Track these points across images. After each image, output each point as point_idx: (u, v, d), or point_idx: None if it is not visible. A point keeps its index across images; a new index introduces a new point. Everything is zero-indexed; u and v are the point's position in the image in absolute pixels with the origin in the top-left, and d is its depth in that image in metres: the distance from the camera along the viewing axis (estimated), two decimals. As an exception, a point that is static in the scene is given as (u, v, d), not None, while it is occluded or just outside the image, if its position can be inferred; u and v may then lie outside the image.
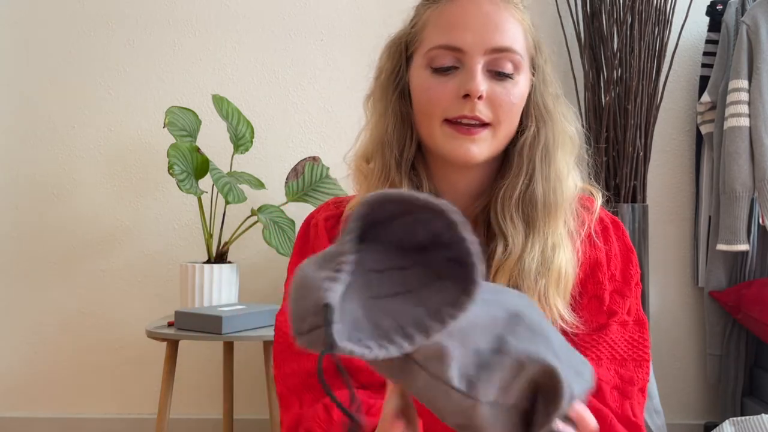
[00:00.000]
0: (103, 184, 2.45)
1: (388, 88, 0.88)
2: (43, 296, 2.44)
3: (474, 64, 0.80)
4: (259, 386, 2.42)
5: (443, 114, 0.81)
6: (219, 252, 2.13)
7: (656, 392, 1.98)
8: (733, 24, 2.26)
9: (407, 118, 0.86)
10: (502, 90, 0.81)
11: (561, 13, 2.39)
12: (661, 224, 2.45)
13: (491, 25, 0.81)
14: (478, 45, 0.80)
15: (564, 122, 0.88)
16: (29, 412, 2.43)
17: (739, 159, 2.14)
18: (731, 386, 2.29)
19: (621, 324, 0.86)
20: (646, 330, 0.87)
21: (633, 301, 0.88)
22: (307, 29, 2.46)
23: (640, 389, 0.84)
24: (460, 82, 0.81)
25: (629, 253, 0.89)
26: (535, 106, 0.86)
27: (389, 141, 0.86)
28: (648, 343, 0.86)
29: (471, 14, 0.81)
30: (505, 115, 0.82)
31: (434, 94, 0.82)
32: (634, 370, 0.84)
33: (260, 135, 2.36)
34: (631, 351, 0.85)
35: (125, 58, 2.46)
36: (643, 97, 2.24)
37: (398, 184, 0.84)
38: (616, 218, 0.93)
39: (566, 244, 0.83)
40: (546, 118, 0.86)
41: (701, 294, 2.42)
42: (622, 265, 0.88)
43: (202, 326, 1.82)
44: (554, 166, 0.85)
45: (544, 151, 0.85)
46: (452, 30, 0.81)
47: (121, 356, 2.43)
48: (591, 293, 0.86)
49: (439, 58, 0.82)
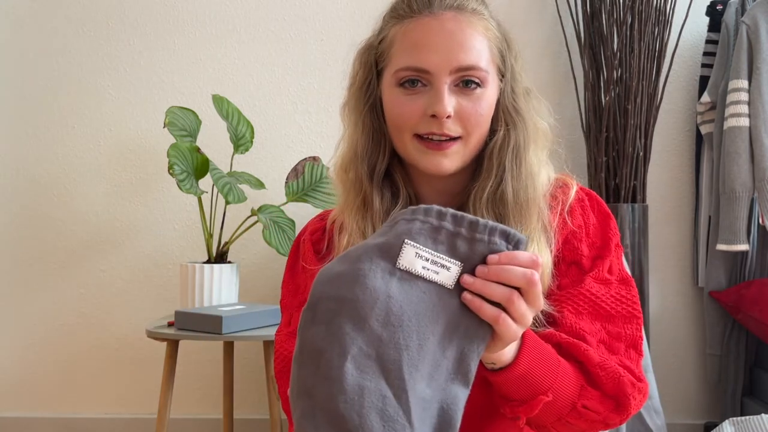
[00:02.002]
0: (103, 184, 2.45)
1: (360, 100, 0.90)
2: (43, 296, 2.44)
3: (440, 84, 0.82)
4: (259, 386, 2.42)
5: (413, 130, 0.84)
6: (219, 252, 2.13)
7: (656, 392, 1.98)
8: (733, 24, 2.26)
9: (380, 130, 0.89)
10: (469, 104, 0.83)
11: (561, 13, 2.39)
12: (661, 224, 2.45)
13: (455, 44, 0.82)
14: (443, 65, 0.82)
15: (535, 118, 0.90)
16: (29, 412, 2.43)
17: (738, 159, 2.14)
18: (731, 386, 2.29)
19: (602, 282, 0.86)
20: (633, 287, 0.88)
21: (614, 261, 0.88)
22: (307, 29, 2.46)
23: (632, 346, 0.84)
24: (428, 102, 0.82)
25: (607, 218, 0.91)
26: (504, 110, 0.88)
27: (361, 154, 0.89)
28: (637, 299, 0.87)
29: (434, 34, 0.82)
30: (474, 127, 0.84)
31: (404, 111, 0.84)
32: (623, 325, 0.84)
33: (260, 135, 2.36)
34: (618, 307, 0.85)
35: (125, 58, 2.46)
36: (643, 97, 2.24)
37: (369, 195, 0.87)
38: (591, 191, 0.95)
39: (540, 237, 0.85)
40: (516, 119, 0.88)
41: (701, 294, 2.42)
42: (600, 232, 0.90)
43: (202, 326, 1.82)
44: (525, 165, 0.86)
45: (515, 151, 0.86)
46: (417, 51, 0.82)
47: (121, 356, 2.43)
48: (569, 259, 0.88)
49: (406, 77, 0.83)
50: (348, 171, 0.90)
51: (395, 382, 0.59)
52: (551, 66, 2.45)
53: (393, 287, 0.61)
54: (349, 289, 0.61)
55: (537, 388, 0.74)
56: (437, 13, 0.83)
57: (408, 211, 0.65)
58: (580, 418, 0.78)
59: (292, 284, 0.96)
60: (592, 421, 0.79)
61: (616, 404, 0.79)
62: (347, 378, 0.58)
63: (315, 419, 0.58)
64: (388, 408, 0.58)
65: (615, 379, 0.78)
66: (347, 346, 0.59)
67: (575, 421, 0.78)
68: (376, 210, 0.87)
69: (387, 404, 0.58)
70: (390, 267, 0.62)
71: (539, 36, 2.45)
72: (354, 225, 0.88)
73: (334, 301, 0.61)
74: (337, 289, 0.61)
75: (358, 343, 0.59)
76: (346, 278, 0.61)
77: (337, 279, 0.61)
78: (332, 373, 0.58)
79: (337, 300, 0.60)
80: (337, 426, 0.57)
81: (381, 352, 0.60)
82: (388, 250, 0.62)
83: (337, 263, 0.64)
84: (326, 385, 0.58)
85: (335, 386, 0.58)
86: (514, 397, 0.75)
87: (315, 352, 0.60)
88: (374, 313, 0.60)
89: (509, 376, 0.73)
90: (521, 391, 0.74)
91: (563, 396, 0.76)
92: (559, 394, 0.76)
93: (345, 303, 0.60)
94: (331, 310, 0.60)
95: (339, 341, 0.59)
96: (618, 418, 0.80)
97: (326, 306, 0.61)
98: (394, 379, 0.59)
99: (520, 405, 0.75)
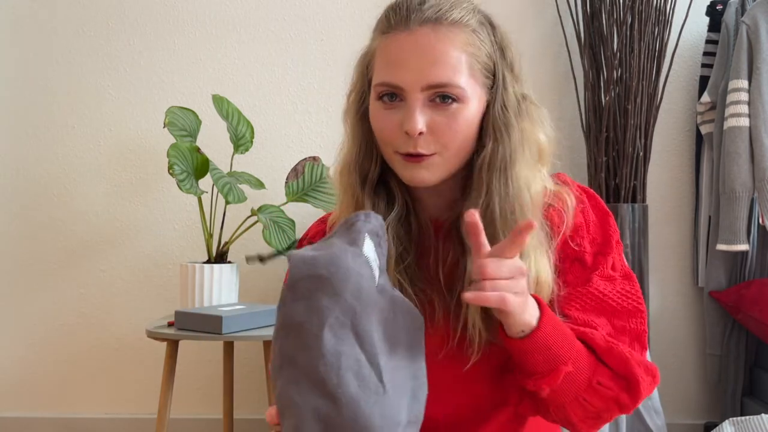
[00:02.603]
0: (103, 184, 2.45)
1: (353, 110, 0.92)
2: (43, 296, 2.44)
3: (413, 101, 0.82)
4: (259, 386, 2.42)
5: (393, 147, 0.85)
6: (219, 252, 2.13)
7: (656, 392, 1.98)
8: (733, 24, 2.26)
9: (371, 140, 0.90)
10: (443, 120, 0.82)
11: (561, 13, 2.39)
12: (661, 224, 2.45)
13: (428, 61, 0.81)
14: (415, 83, 0.81)
15: (529, 129, 0.87)
16: (29, 412, 2.43)
17: (738, 159, 2.14)
18: (731, 386, 2.29)
19: (607, 279, 0.88)
20: (636, 283, 0.89)
21: (616, 257, 0.90)
22: (307, 29, 2.46)
23: (636, 339, 0.85)
24: (402, 117, 0.83)
25: (606, 216, 0.92)
26: (493, 123, 0.85)
27: (354, 162, 0.91)
28: (640, 294, 0.88)
29: (408, 50, 0.82)
30: (449, 142, 0.83)
31: (383, 126, 0.85)
32: (627, 319, 0.86)
33: (260, 135, 2.36)
34: (624, 302, 0.86)
35: (125, 58, 2.46)
36: (643, 97, 2.24)
37: (361, 201, 0.90)
38: (589, 189, 0.95)
39: (537, 252, 0.84)
40: (503, 133, 0.85)
41: (701, 294, 2.42)
42: (601, 229, 0.91)
43: (202, 326, 1.82)
44: (513, 182, 0.84)
45: (501, 168, 0.84)
46: (391, 68, 0.83)
47: (121, 356, 2.43)
48: (572, 256, 0.88)
49: (384, 92, 0.84)
50: (343, 176, 0.92)
51: (368, 348, 0.67)
52: (551, 66, 2.45)
53: (362, 268, 0.69)
54: (325, 268, 0.67)
55: (558, 356, 0.77)
56: (413, 29, 0.82)
57: (361, 213, 0.75)
58: (596, 394, 0.80)
59: None
60: (607, 399, 0.81)
61: (626, 384, 0.81)
62: (326, 344, 0.65)
63: (299, 385, 0.66)
64: (363, 370, 0.66)
65: (623, 360, 0.80)
66: (325, 316, 0.66)
67: (591, 398, 0.80)
68: None
69: (362, 367, 0.66)
70: (357, 251, 0.70)
71: (539, 36, 2.45)
72: None
73: (311, 280, 0.67)
74: (314, 269, 0.68)
75: (335, 313, 0.66)
76: (321, 259, 0.68)
77: (313, 260, 0.68)
78: (312, 342, 0.65)
79: (315, 278, 0.67)
80: (318, 387, 0.65)
81: (355, 322, 0.67)
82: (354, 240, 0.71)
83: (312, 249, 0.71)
84: (307, 352, 0.65)
85: (315, 352, 0.65)
86: (538, 369, 0.78)
87: (296, 324, 0.67)
88: (348, 288, 0.67)
89: (536, 340, 0.76)
90: (544, 360, 0.77)
91: (581, 368, 0.79)
92: (578, 366, 0.79)
93: (321, 280, 0.67)
94: (308, 288, 0.67)
95: (317, 313, 0.66)
96: (630, 399, 0.81)
97: (305, 285, 0.67)
98: (367, 346, 0.67)
99: (543, 377, 0.78)
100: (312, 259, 0.68)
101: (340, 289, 0.67)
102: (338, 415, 0.65)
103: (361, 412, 0.65)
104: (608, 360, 0.81)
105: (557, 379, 0.77)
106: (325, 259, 0.68)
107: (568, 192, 0.91)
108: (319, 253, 0.69)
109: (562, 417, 0.83)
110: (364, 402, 0.65)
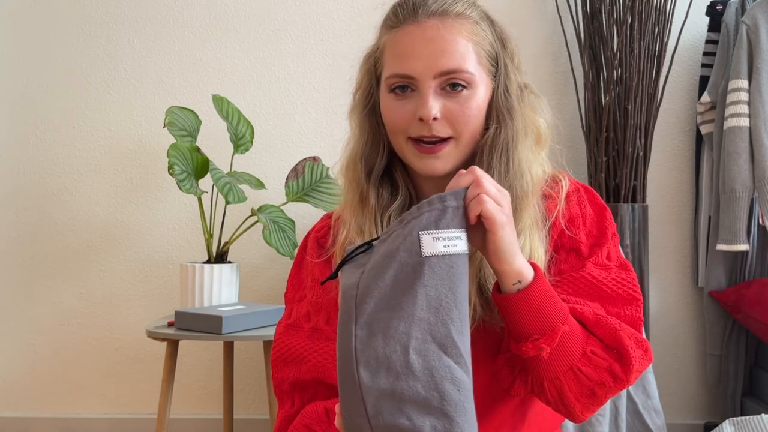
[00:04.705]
0: (103, 185, 2.45)
1: (362, 106, 0.96)
2: (43, 296, 2.44)
3: (425, 89, 0.86)
4: (259, 386, 2.42)
5: (406, 133, 0.89)
6: (219, 252, 2.13)
7: (656, 392, 1.98)
8: (733, 24, 2.26)
9: (378, 133, 0.95)
10: (456, 106, 0.87)
11: (561, 13, 2.39)
12: (661, 224, 2.45)
13: (437, 50, 0.86)
14: (426, 71, 0.86)
15: (530, 115, 0.92)
16: (29, 412, 2.43)
17: (739, 159, 2.14)
18: (731, 386, 2.29)
19: (602, 267, 0.89)
20: (632, 272, 0.90)
21: (612, 248, 0.92)
22: (307, 29, 2.47)
23: (631, 326, 0.86)
24: (416, 106, 0.87)
25: (603, 210, 0.94)
26: (497, 107, 0.91)
27: (361, 156, 0.95)
28: (636, 283, 0.89)
29: (418, 41, 0.87)
30: (463, 127, 0.88)
31: (396, 116, 0.89)
32: (623, 306, 0.87)
33: (260, 135, 2.36)
34: (619, 289, 0.88)
35: (125, 58, 2.46)
36: (643, 97, 2.24)
37: (366, 192, 0.93)
38: (586, 185, 0.98)
39: (532, 230, 0.87)
40: (507, 117, 0.90)
41: (701, 294, 2.42)
42: (597, 222, 0.93)
43: (202, 326, 1.82)
44: (513, 162, 0.89)
45: (503, 149, 0.89)
46: (403, 59, 0.88)
47: (121, 356, 2.43)
48: (568, 246, 0.91)
49: (396, 84, 0.89)
50: (348, 170, 0.96)
51: (452, 351, 0.70)
52: (551, 66, 2.45)
53: (425, 277, 0.70)
54: (394, 295, 0.70)
55: (555, 315, 0.78)
56: (421, 21, 0.87)
57: (414, 209, 0.74)
58: (590, 363, 0.80)
59: (296, 279, 1.02)
60: (601, 370, 0.80)
61: (618, 355, 0.81)
62: (415, 367, 0.68)
63: (406, 413, 0.68)
64: (455, 374, 0.69)
65: (612, 331, 0.81)
66: (406, 342, 0.69)
67: (585, 368, 0.80)
68: (372, 206, 0.93)
69: (454, 372, 0.69)
70: (418, 260, 0.71)
71: (539, 36, 2.45)
72: (352, 220, 0.93)
73: (382, 313, 0.70)
74: (383, 303, 0.70)
75: (414, 334, 0.69)
76: (385, 293, 0.71)
77: (380, 298, 0.71)
78: (403, 370, 0.68)
79: (384, 311, 0.70)
80: (426, 408, 0.68)
81: (434, 333, 0.70)
82: (409, 248, 0.72)
83: (370, 277, 0.72)
84: (402, 381, 0.68)
85: (410, 378, 0.68)
86: (535, 328, 0.78)
87: (383, 358, 0.69)
88: (417, 306, 0.69)
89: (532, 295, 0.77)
90: (541, 318, 0.78)
91: (576, 333, 0.80)
92: (573, 329, 0.79)
93: (392, 310, 0.70)
94: (382, 320, 0.70)
95: (399, 342, 0.69)
96: (622, 371, 0.81)
97: (377, 319, 0.70)
98: (451, 349, 0.70)
99: (541, 335, 0.78)
100: (378, 293, 0.71)
101: (410, 311, 0.69)
102: (452, 424, 0.68)
103: (471, 414, 0.69)
104: (598, 332, 0.82)
105: (555, 337, 0.77)
106: (387, 291, 0.71)
107: (564, 175, 0.95)
108: (380, 284, 0.71)
109: (556, 395, 0.82)
110: (467, 401, 0.69)
